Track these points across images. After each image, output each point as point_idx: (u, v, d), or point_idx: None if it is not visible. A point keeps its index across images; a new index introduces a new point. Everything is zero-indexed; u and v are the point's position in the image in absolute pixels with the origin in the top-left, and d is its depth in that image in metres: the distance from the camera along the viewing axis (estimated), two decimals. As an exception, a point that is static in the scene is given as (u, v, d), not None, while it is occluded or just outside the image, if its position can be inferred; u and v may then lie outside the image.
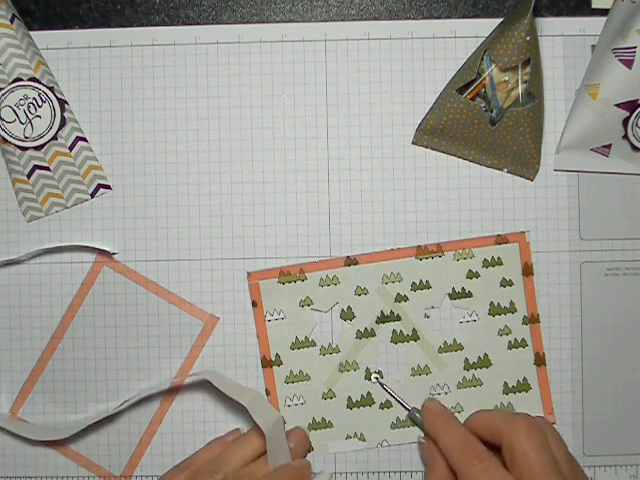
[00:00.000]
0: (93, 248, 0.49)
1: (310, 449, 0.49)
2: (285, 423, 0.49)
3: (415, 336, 0.49)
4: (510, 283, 0.49)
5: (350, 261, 0.49)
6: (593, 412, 0.49)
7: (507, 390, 0.49)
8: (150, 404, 0.50)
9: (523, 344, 0.49)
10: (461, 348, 0.49)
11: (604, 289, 0.49)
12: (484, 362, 0.49)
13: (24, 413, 0.50)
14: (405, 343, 0.49)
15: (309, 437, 0.49)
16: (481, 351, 0.49)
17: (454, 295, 0.49)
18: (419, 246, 0.49)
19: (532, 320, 0.49)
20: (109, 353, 0.50)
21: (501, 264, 0.49)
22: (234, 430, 0.49)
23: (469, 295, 0.49)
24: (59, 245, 0.50)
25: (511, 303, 0.49)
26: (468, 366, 0.49)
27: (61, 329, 0.50)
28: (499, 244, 0.49)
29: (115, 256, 0.50)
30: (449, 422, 0.46)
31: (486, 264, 0.49)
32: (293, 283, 0.49)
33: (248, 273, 0.49)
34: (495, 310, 0.49)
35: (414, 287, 0.49)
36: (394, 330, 0.49)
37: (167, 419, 0.50)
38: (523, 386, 0.49)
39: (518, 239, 0.49)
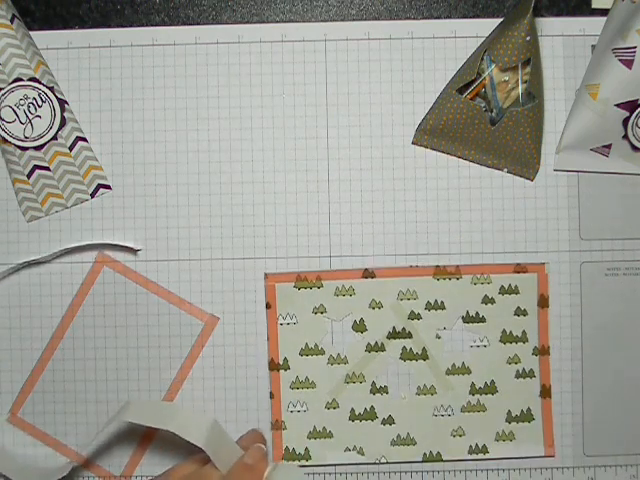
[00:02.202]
0: (117, 245, 0.49)
1: (307, 457, 0.49)
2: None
3: (424, 355, 0.49)
4: (524, 313, 0.49)
5: (367, 273, 0.49)
6: (593, 412, 0.49)
7: (510, 419, 0.49)
8: (150, 404, 0.50)
9: (531, 374, 0.49)
10: (469, 372, 0.49)
11: (604, 289, 0.49)
12: (490, 388, 0.49)
13: (24, 413, 0.50)
14: (414, 361, 0.49)
15: (263, 437, 0.48)
16: (488, 377, 0.49)
17: (467, 319, 0.49)
18: (438, 266, 0.49)
19: (542, 352, 0.49)
20: (109, 353, 0.50)
21: (517, 293, 0.49)
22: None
23: (482, 320, 0.49)
24: (77, 245, 0.49)
25: (523, 333, 0.49)
26: (474, 391, 0.49)
27: (61, 329, 0.50)
28: (517, 273, 0.49)
29: (115, 256, 0.50)
30: None
31: (502, 291, 0.49)
32: (309, 289, 0.49)
33: (265, 274, 0.49)
34: (506, 338, 0.49)
35: (429, 306, 0.49)
36: (404, 347, 0.49)
37: (167, 419, 0.50)
38: (526, 416, 0.49)
39: (537, 270, 0.49)
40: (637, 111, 0.47)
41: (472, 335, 0.49)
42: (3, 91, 0.47)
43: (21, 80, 0.47)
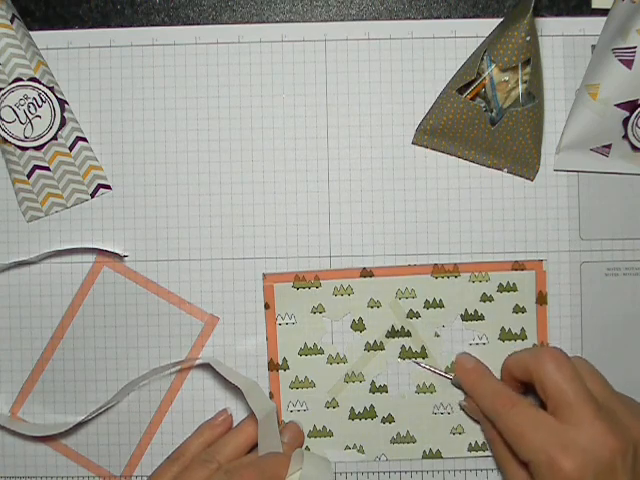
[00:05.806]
0: (103, 250, 0.49)
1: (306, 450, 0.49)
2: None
3: (424, 354, 0.49)
4: (523, 310, 0.49)
5: (366, 272, 0.49)
6: (593, 412, 0.49)
7: None
8: (150, 404, 0.50)
9: None
10: None
11: (604, 289, 0.49)
12: None
13: (24, 413, 0.50)
14: (413, 360, 0.49)
15: (303, 432, 0.49)
16: None
17: (466, 317, 0.49)
18: (436, 264, 0.49)
19: None
20: (109, 353, 0.50)
21: (516, 290, 0.49)
22: (222, 411, 0.49)
23: (481, 318, 0.49)
24: (69, 247, 0.49)
25: (522, 330, 0.49)
26: None
27: (61, 329, 0.50)
28: (515, 270, 0.49)
29: (114, 256, 0.50)
30: (479, 375, 0.47)
31: (501, 289, 0.49)
32: (307, 289, 0.49)
33: (264, 275, 0.49)
34: (505, 335, 0.49)
35: (427, 305, 0.49)
36: (403, 346, 0.49)
37: (167, 419, 0.50)
38: None
39: (535, 267, 0.49)
40: (637, 111, 0.47)
41: (471, 333, 0.49)
42: (3, 91, 0.47)
43: (21, 80, 0.47)
